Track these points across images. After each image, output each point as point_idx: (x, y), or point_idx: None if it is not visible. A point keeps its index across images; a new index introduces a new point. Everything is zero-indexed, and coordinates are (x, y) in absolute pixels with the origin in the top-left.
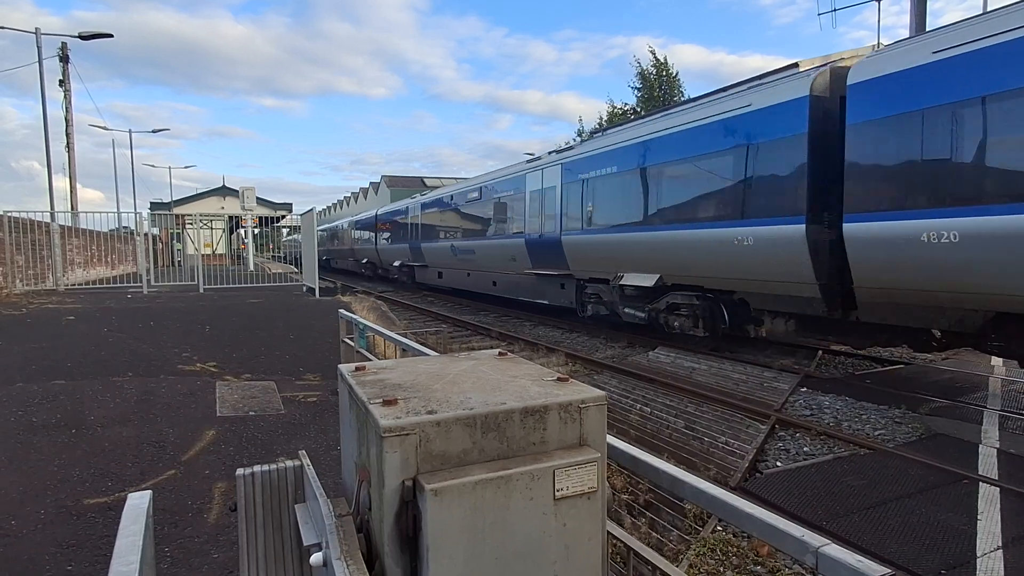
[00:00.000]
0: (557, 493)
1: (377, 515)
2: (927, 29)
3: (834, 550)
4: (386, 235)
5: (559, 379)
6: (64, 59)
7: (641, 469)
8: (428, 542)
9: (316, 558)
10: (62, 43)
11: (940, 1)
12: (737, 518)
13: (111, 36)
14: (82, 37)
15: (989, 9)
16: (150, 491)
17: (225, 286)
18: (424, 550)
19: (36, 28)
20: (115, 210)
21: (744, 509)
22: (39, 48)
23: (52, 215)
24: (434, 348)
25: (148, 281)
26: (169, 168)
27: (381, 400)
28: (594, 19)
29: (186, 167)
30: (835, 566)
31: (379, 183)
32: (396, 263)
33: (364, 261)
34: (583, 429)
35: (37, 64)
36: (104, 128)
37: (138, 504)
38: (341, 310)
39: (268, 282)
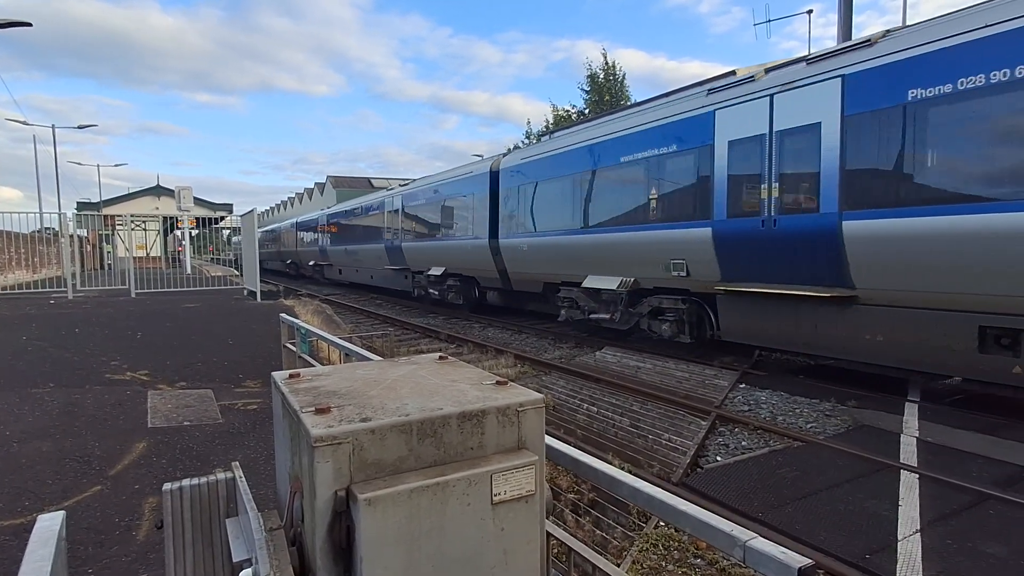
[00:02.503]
0: (495, 498)
1: (309, 527)
2: (852, 39)
3: (760, 543)
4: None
5: (498, 383)
6: None
7: (581, 470)
8: (362, 553)
9: (245, 575)
10: None
11: (863, 15)
12: (671, 515)
13: (29, 25)
14: None
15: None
16: (63, 512)
17: (160, 290)
18: (358, 561)
19: None
20: (37, 210)
21: (677, 506)
22: None
23: None
24: (380, 352)
25: (74, 286)
26: (98, 166)
27: (313, 408)
28: (538, 22)
29: (116, 165)
30: (761, 558)
31: (324, 184)
32: (311, 262)
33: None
34: (521, 432)
35: None
36: (24, 123)
37: (48, 526)
38: (282, 314)
39: (207, 286)
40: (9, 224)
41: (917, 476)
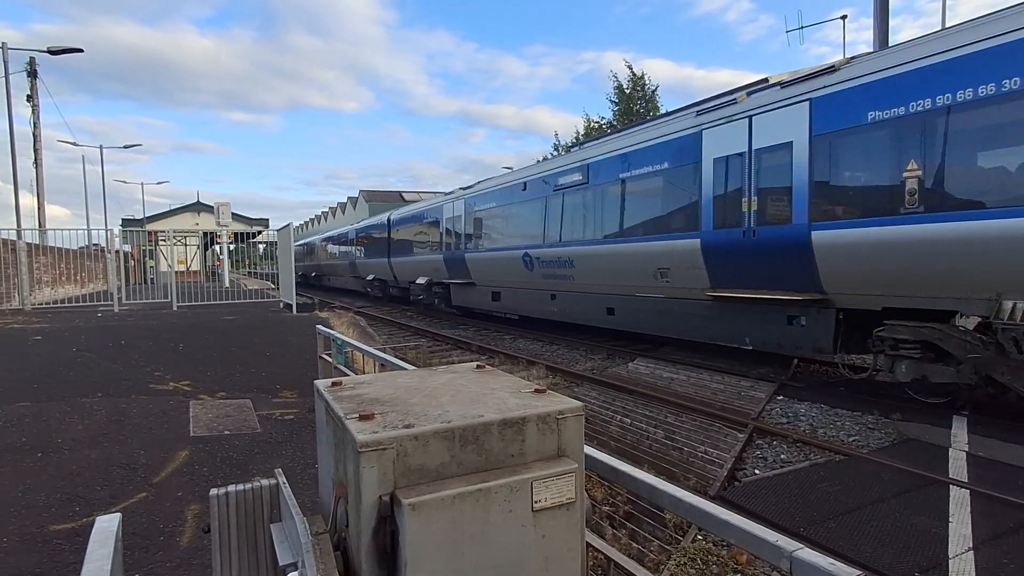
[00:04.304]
0: (535, 505)
1: (354, 532)
2: (889, 44)
3: (807, 554)
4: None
5: (537, 391)
6: (32, 74)
7: (620, 479)
8: (406, 557)
9: None
10: (30, 58)
11: (898, 18)
12: (714, 525)
13: (81, 51)
14: (51, 52)
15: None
16: (119, 514)
17: (199, 303)
18: (402, 565)
19: (3, 43)
20: (84, 227)
21: (720, 516)
22: (5, 63)
23: (19, 232)
24: (413, 363)
25: (119, 299)
26: (142, 184)
27: (358, 415)
28: (563, 35)
29: (159, 183)
30: (809, 570)
31: (357, 198)
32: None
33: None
34: (561, 440)
35: (3, 79)
36: (73, 144)
37: (107, 527)
38: (319, 326)
39: (244, 298)
40: (59, 240)
41: (968, 492)
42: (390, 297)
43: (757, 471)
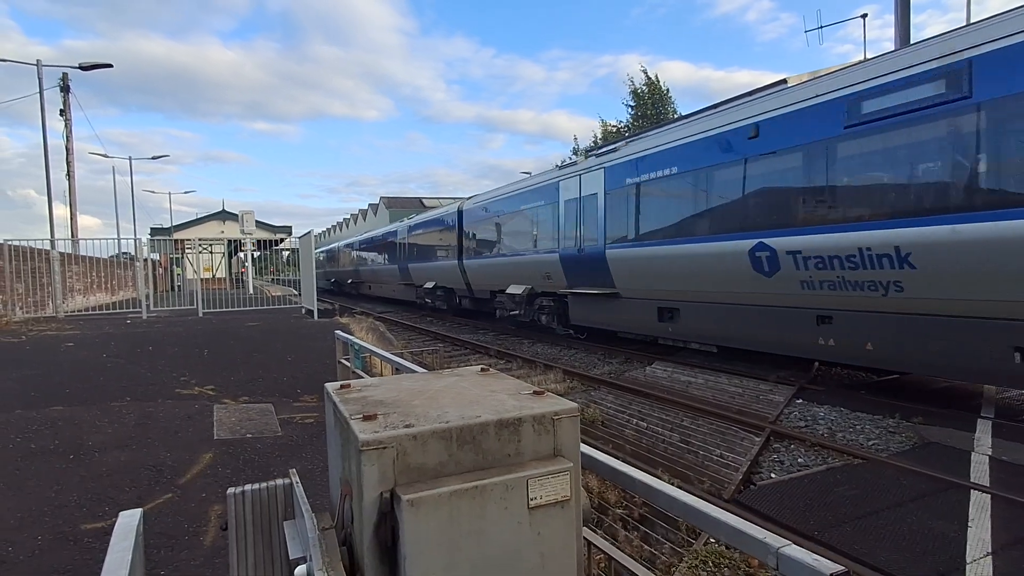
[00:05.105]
0: (531, 502)
1: (358, 527)
2: (910, 41)
3: (793, 550)
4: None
5: (535, 393)
6: (65, 89)
7: (618, 479)
8: (406, 552)
9: (300, 571)
10: (63, 74)
11: (923, 15)
12: (706, 523)
13: (111, 66)
14: (83, 68)
15: (971, 22)
16: (140, 509)
17: (224, 310)
18: (402, 560)
19: (37, 60)
20: (115, 236)
21: (711, 514)
22: (40, 79)
23: (52, 243)
24: (430, 367)
25: (148, 306)
26: (169, 194)
27: (361, 415)
28: (580, 39)
29: (186, 192)
30: (794, 565)
31: (378, 205)
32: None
33: (349, 281)
34: (557, 440)
35: (38, 95)
36: (104, 156)
37: (128, 522)
38: (338, 331)
39: (267, 305)
40: (90, 250)
41: (989, 496)
42: (458, 309)
43: (773, 475)
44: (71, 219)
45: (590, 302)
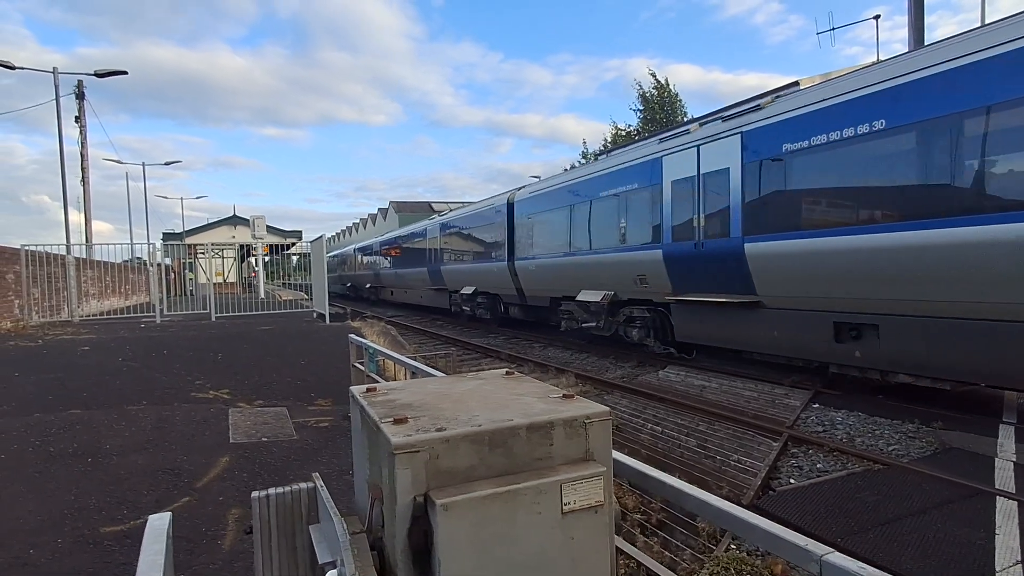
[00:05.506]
0: (564, 507)
1: (389, 531)
2: (924, 42)
3: (838, 558)
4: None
5: (564, 396)
6: (80, 96)
7: (648, 484)
8: (440, 556)
9: (332, 575)
10: (79, 81)
11: (934, 15)
12: (741, 529)
13: (126, 73)
14: (98, 75)
15: (984, 23)
16: (169, 512)
17: (236, 314)
18: (436, 564)
19: (54, 68)
20: (128, 241)
21: (749, 520)
22: (56, 87)
23: (68, 248)
24: (444, 371)
25: (161, 311)
26: (181, 199)
27: (392, 419)
28: (588, 42)
29: (198, 197)
30: (839, 574)
31: (387, 209)
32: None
33: (368, 286)
34: (588, 444)
35: (54, 102)
36: (118, 162)
37: (158, 525)
38: (351, 335)
39: (279, 309)
40: (103, 255)
41: (1016, 503)
42: (504, 319)
43: (792, 480)
44: (86, 224)
45: (710, 314)
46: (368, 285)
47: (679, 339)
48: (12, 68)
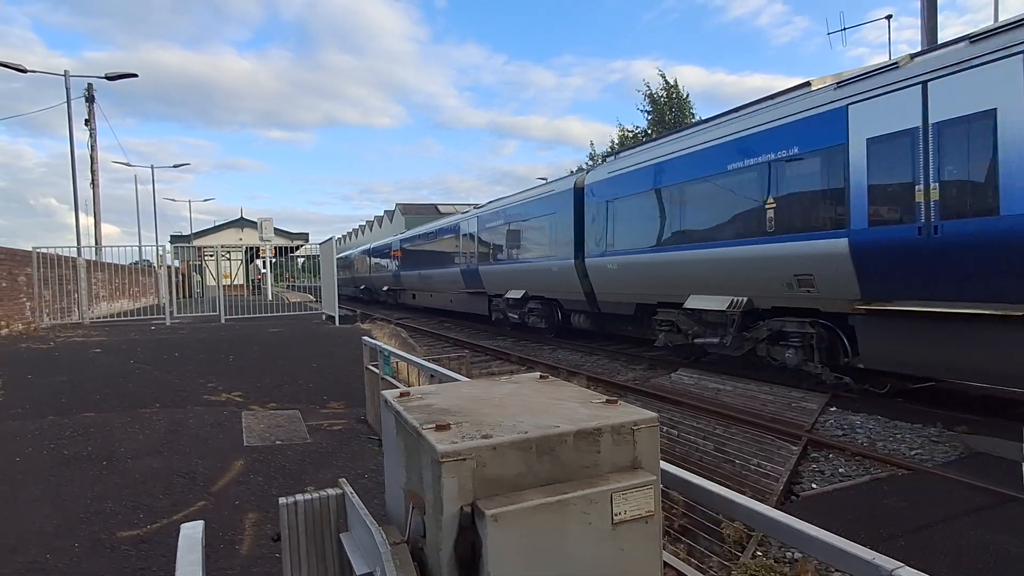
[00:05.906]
0: (615, 517)
1: (433, 541)
2: (937, 42)
3: (908, 572)
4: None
5: (607, 401)
6: (90, 99)
7: (692, 492)
8: (489, 568)
9: None
10: (88, 84)
11: (939, 16)
12: (797, 540)
13: (136, 76)
14: (109, 77)
15: (999, 22)
16: (201, 522)
17: (245, 316)
18: None
19: (65, 71)
20: (137, 244)
21: (806, 531)
22: (67, 89)
23: (79, 250)
24: (456, 372)
25: (171, 313)
26: (189, 202)
27: (434, 425)
28: (591, 44)
29: (205, 200)
30: None
31: (394, 211)
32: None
33: (385, 288)
34: (636, 451)
35: (65, 105)
36: (127, 164)
37: (191, 534)
38: (365, 337)
39: (287, 311)
40: (112, 257)
41: None
42: (562, 329)
43: (815, 485)
44: (95, 227)
45: (932, 331)
46: (386, 288)
47: (868, 365)
48: (24, 71)
